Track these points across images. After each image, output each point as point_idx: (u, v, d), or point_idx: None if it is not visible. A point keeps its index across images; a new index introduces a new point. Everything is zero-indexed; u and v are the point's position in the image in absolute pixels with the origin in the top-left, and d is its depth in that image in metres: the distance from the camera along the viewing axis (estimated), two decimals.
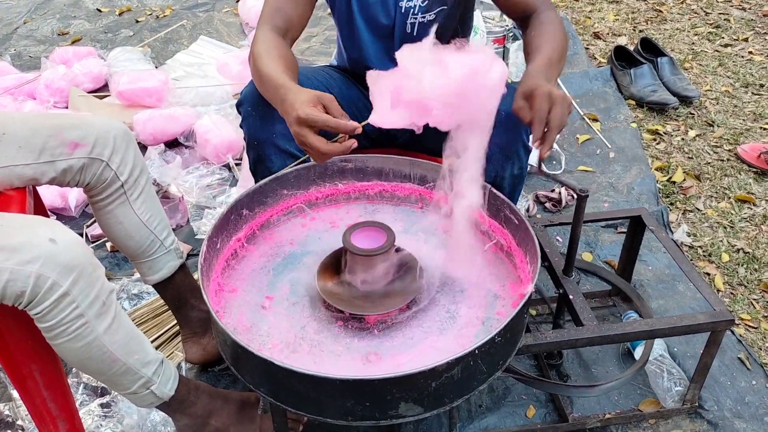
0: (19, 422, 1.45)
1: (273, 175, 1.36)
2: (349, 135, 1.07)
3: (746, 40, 3.14)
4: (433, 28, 1.12)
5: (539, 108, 1.10)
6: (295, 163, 1.40)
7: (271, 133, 1.37)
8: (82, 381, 1.52)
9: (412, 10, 1.43)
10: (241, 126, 1.41)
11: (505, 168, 1.35)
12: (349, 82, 1.59)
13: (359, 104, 1.58)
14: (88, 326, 1.06)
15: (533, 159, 2.29)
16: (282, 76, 1.17)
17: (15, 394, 1.49)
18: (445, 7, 1.43)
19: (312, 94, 1.09)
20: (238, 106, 1.40)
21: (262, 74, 1.22)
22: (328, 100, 1.08)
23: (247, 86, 1.39)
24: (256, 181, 1.44)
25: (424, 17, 1.45)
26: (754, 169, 2.26)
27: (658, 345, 1.53)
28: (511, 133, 1.31)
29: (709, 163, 2.32)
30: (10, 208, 1.21)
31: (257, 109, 1.36)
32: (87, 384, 1.52)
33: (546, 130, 1.11)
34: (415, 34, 1.47)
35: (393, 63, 1.14)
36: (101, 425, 1.42)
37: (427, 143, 1.56)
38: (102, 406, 1.46)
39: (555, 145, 2.36)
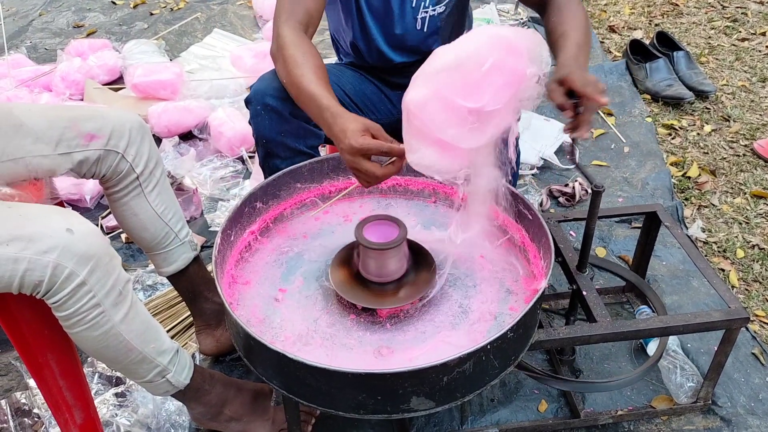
0: (36, 410, 1.47)
1: (287, 168, 1.36)
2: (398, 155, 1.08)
3: (764, 34, 3.10)
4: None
5: (581, 87, 1.10)
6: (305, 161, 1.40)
7: (280, 132, 1.37)
8: (97, 370, 1.54)
9: (423, 3, 1.43)
10: (249, 122, 1.41)
11: None
12: (361, 77, 1.58)
13: (374, 98, 1.59)
14: (104, 315, 1.07)
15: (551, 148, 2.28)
16: (326, 96, 1.16)
17: (32, 382, 1.51)
18: None
19: (361, 123, 1.09)
20: (247, 103, 1.40)
21: (302, 90, 1.19)
22: (376, 129, 1.09)
23: (256, 83, 1.38)
24: (265, 177, 1.44)
25: (434, 9, 1.44)
26: None
27: (672, 340, 1.52)
28: None
29: (725, 158, 2.30)
30: (28, 199, 1.23)
31: (266, 109, 1.35)
32: (102, 373, 1.54)
33: (580, 112, 1.11)
34: (425, 29, 1.47)
35: (400, 54, 1.13)
36: (116, 414, 1.43)
37: None
38: (117, 395, 1.48)
39: (569, 139, 2.34)
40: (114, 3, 3.78)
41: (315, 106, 1.16)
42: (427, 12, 1.45)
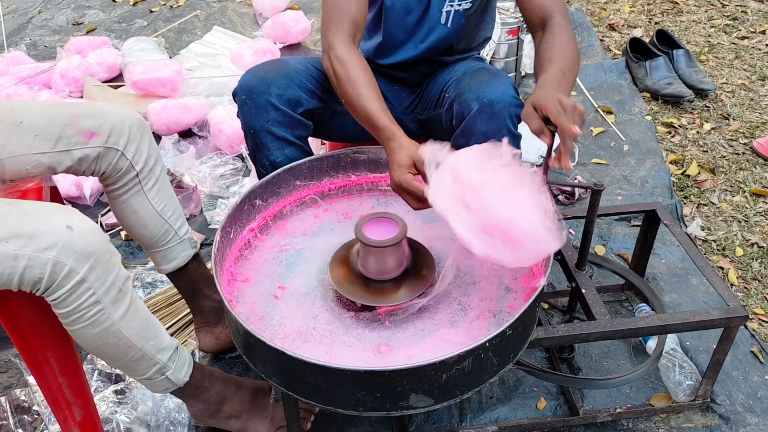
0: (35, 408, 1.47)
1: (287, 166, 1.36)
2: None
3: (764, 32, 3.10)
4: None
5: (556, 114, 1.05)
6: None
7: (266, 121, 1.37)
8: (96, 367, 1.54)
9: None
10: (238, 115, 1.41)
11: None
12: None
13: None
14: (104, 312, 1.07)
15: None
16: (382, 117, 1.19)
17: (31, 380, 1.51)
18: None
19: (408, 156, 1.12)
20: (234, 95, 1.41)
21: (359, 108, 1.23)
22: (420, 163, 1.11)
23: (243, 75, 1.39)
24: (257, 169, 1.45)
25: (460, 5, 1.43)
26: None
27: (670, 339, 1.52)
28: (496, 120, 1.28)
29: (724, 156, 2.30)
30: (27, 196, 1.23)
31: (251, 98, 1.36)
32: (101, 371, 1.54)
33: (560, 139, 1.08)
34: (449, 24, 1.46)
35: (416, 47, 1.11)
36: (116, 411, 1.43)
37: (440, 133, 1.55)
38: (116, 392, 1.48)
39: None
40: (114, 0, 3.78)
41: (371, 125, 1.21)
42: (452, 6, 1.43)
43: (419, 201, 1.11)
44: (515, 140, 1.34)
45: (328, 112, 1.48)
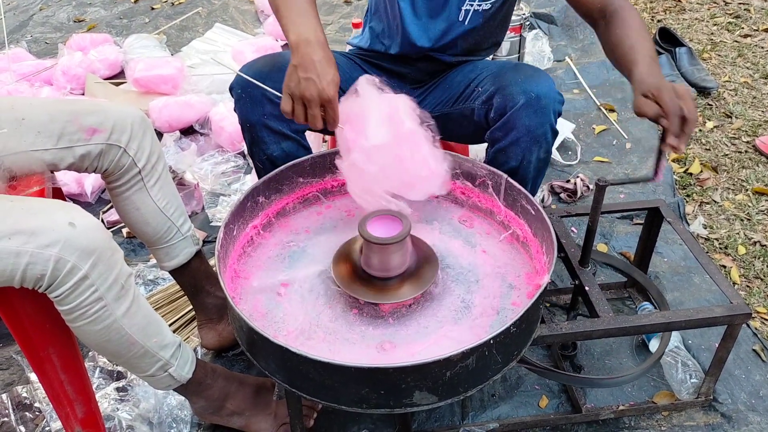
0: (37, 405, 1.47)
1: (289, 163, 1.36)
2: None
3: (767, 30, 3.09)
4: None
5: (670, 102, 1.11)
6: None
7: (262, 114, 1.36)
8: (98, 364, 1.54)
9: None
10: (235, 110, 1.41)
11: (532, 151, 1.33)
12: (354, 65, 1.57)
13: None
14: (107, 309, 1.07)
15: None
16: (318, 26, 1.19)
17: (33, 377, 1.51)
18: None
19: (338, 77, 1.15)
20: (231, 90, 1.40)
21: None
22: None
23: (239, 71, 1.38)
24: (254, 164, 1.45)
25: (480, 5, 1.43)
26: None
27: (674, 337, 1.52)
28: (540, 115, 1.29)
29: (727, 154, 2.30)
30: (30, 193, 1.22)
31: (247, 92, 1.35)
32: (103, 368, 1.54)
33: (683, 124, 1.11)
34: (466, 22, 1.45)
35: (430, 41, 1.17)
36: (118, 408, 1.43)
37: (455, 129, 1.54)
38: (118, 389, 1.48)
39: (571, 135, 2.34)
40: None
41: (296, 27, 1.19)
42: (472, 5, 1.43)
43: (317, 121, 1.14)
44: (554, 136, 1.35)
45: None
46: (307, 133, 1.50)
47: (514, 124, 1.30)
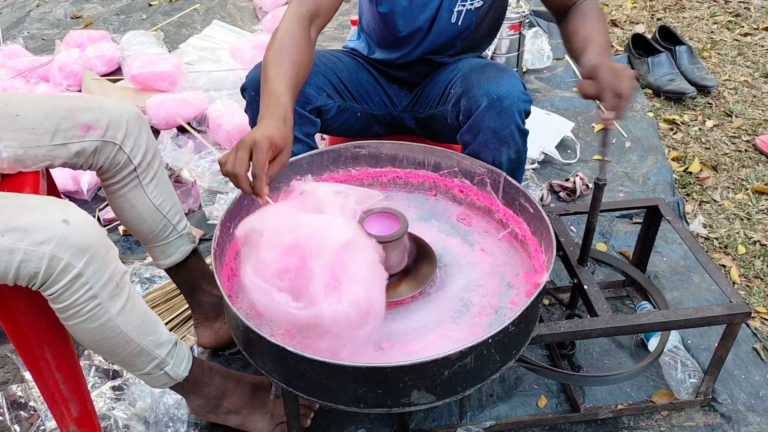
0: (32, 403, 1.46)
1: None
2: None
3: (766, 29, 3.09)
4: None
5: (605, 78, 1.12)
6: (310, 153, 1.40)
7: None
8: (93, 364, 1.53)
9: None
10: (246, 111, 1.40)
11: (501, 152, 1.32)
12: (358, 66, 1.57)
13: (369, 88, 1.57)
14: (101, 307, 1.06)
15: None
16: (284, 92, 1.11)
17: (27, 375, 1.50)
18: None
19: (276, 136, 1.02)
20: (243, 90, 1.40)
21: (266, 81, 1.14)
22: (273, 152, 1.03)
23: (252, 71, 1.38)
24: None
25: (472, 4, 1.42)
26: None
27: (673, 336, 1.51)
28: (504, 116, 1.28)
29: (727, 153, 2.29)
30: (24, 190, 1.21)
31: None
32: (99, 366, 1.53)
33: (619, 100, 1.13)
34: (460, 23, 1.44)
35: (424, 46, 1.10)
36: (113, 407, 1.42)
37: (441, 131, 1.54)
38: (114, 388, 1.46)
39: (570, 134, 2.33)
40: None
41: (266, 95, 1.11)
42: (464, 6, 1.42)
43: (238, 173, 1.00)
44: (522, 136, 1.33)
45: (334, 109, 1.48)
46: None
47: (480, 126, 1.29)
